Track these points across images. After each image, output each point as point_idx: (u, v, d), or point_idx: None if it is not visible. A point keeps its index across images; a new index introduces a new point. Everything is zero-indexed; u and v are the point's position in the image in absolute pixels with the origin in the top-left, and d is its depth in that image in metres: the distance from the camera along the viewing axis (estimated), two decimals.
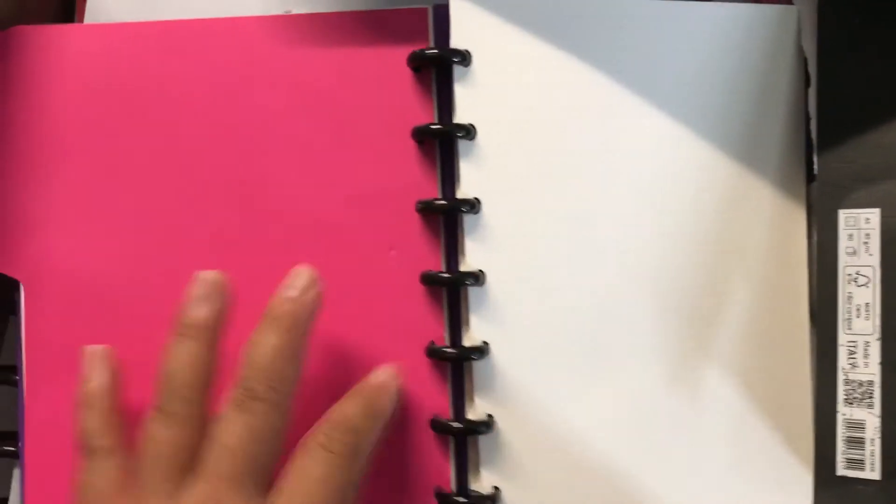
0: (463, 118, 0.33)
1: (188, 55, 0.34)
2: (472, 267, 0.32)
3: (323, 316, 0.31)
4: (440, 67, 0.33)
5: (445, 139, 0.33)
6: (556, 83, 0.33)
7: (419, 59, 0.33)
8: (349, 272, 0.33)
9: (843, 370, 0.32)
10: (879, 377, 0.32)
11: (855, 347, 0.32)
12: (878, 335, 0.32)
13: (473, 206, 0.32)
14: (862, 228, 0.33)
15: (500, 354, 0.32)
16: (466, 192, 0.33)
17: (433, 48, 0.33)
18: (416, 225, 0.33)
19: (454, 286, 0.33)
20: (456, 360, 0.32)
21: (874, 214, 0.33)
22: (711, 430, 0.33)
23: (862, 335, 0.32)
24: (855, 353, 0.32)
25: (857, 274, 0.33)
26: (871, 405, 0.32)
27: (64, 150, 0.34)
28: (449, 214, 0.33)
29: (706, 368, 0.33)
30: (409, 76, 0.33)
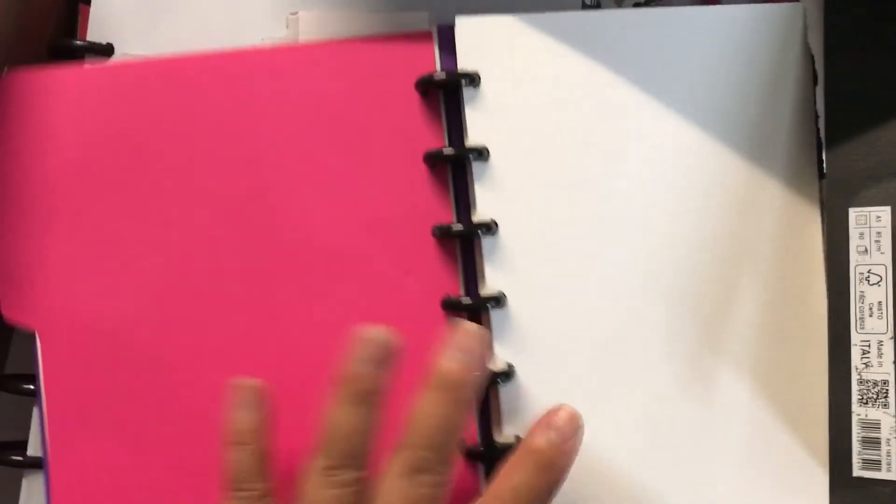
0: (475, 140, 0.32)
1: (194, 91, 0.33)
2: (492, 290, 0.32)
3: (342, 344, 0.30)
4: (448, 90, 0.32)
5: (458, 162, 0.33)
6: (565, 98, 0.33)
7: (428, 84, 0.32)
8: (367, 299, 0.33)
9: (856, 370, 0.33)
10: (894, 376, 0.32)
11: (868, 347, 0.33)
12: (891, 334, 0.32)
13: (490, 228, 0.32)
14: (873, 227, 0.33)
15: (523, 375, 0.33)
16: (482, 214, 0.32)
17: (441, 73, 0.32)
18: (432, 249, 0.33)
19: (476, 311, 0.33)
20: None
21: (885, 212, 0.33)
22: (727, 432, 0.34)
23: (875, 334, 0.33)
24: (868, 352, 0.33)
25: (868, 272, 0.33)
26: (886, 405, 0.32)
27: (75, 196, 0.33)
28: (467, 239, 0.33)
29: (722, 371, 0.34)
30: (416, 100, 0.33)
